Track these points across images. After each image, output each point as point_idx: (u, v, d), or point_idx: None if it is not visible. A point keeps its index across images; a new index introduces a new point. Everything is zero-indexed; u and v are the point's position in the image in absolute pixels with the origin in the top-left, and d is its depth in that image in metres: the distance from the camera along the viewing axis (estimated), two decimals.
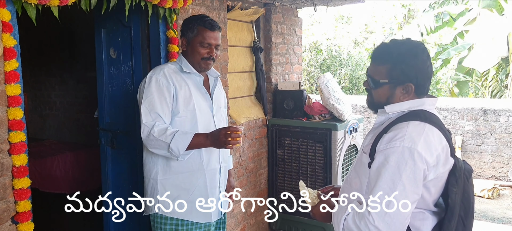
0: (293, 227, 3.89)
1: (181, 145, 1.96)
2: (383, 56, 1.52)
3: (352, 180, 1.60)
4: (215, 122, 2.20)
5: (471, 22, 8.59)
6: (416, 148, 1.38)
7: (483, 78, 9.60)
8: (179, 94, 2.07)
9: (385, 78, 1.50)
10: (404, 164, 1.37)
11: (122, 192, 2.87)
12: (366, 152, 1.52)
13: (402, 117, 1.49)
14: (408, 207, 1.38)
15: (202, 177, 2.14)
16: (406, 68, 1.47)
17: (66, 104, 5.11)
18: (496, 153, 6.19)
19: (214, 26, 2.12)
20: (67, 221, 4.26)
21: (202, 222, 2.18)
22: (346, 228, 1.47)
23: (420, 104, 1.50)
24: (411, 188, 1.38)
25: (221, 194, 2.27)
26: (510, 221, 4.64)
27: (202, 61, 2.12)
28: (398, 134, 1.42)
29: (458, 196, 1.46)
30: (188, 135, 1.99)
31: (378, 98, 1.56)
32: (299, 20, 4.38)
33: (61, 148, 4.49)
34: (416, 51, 1.49)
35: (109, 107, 2.90)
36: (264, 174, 3.93)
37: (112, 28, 2.80)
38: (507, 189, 5.85)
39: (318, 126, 3.66)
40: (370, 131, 1.65)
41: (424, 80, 1.49)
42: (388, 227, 1.37)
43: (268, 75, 3.97)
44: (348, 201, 1.58)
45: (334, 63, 12.06)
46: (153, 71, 2.10)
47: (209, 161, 2.16)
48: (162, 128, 1.98)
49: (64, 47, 4.93)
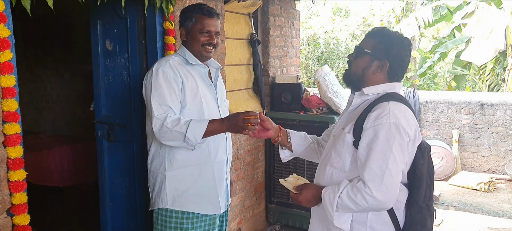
0: (291, 220, 3.89)
1: (197, 133, 1.92)
2: (375, 33, 1.70)
3: (333, 160, 1.68)
4: (220, 113, 2.20)
5: (469, 16, 8.58)
6: (401, 123, 1.53)
7: (480, 72, 9.60)
8: (186, 86, 2.05)
9: (369, 49, 1.67)
10: (392, 138, 1.52)
11: (119, 185, 2.86)
12: (349, 132, 1.63)
13: (379, 98, 1.63)
14: (399, 176, 1.55)
15: (210, 169, 2.14)
16: (389, 46, 1.64)
17: (62, 97, 5.08)
18: (492, 147, 6.20)
19: (213, 13, 2.11)
20: (63, 214, 4.26)
21: (209, 214, 2.17)
22: (340, 205, 1.57)
23: (392, 88, 1.67)
24: (400, 158, 1.53)
25: (228, 187, 2.29)
26: (506, 214, 4.66)
27: (202, 49, 2.11)
28: (383, 112, 1.55)
29: (425, 167, 1.64)
30: (203, 122, 1.95)
31: (355, 68, 1.70)
32: (297, 12, 4.35)
33: (57, 141, 4.47)
34: (403, 39, 1.68)
35: (105, 99, 2.88)
36: (261, 167, 3.92)
37: (108, 20, 2.77)
38: (503, 182, 5.87)
39: (316, 119, 3.65)
40: (343, 113, 1.78)
41: (399, 65, 1.67)
42: (384, 195, 1.51)
43: (265, 68, 3.95)
44: (331, 182, 1.67)
45: (332, 56, 12.04)
46: (158, 64, 2.07)
47: (217, 153, 2.15)
48: (175, 118, 1.95)
49: (60, 39, 4.89)
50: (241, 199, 3.63)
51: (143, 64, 2.64)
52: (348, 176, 1.63)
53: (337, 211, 1.58)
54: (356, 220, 1.63)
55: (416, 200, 1.62)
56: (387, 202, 1.52)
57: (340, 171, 1.66)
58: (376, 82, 1.67)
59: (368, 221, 1.62)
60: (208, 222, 2.19)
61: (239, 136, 3.52)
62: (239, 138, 3.53)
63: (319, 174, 1.77)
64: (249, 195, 3.75)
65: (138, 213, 2.78)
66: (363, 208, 1.54)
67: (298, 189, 1.75)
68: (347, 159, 1.63)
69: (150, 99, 2.01)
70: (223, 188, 2.22)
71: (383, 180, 1.50)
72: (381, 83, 1.67)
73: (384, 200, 1.51)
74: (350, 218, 1.62)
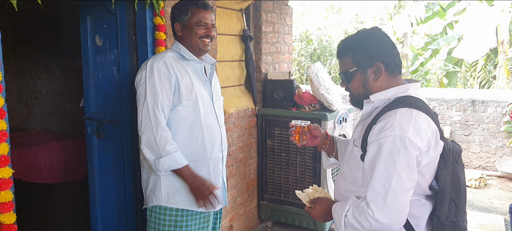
0: (282, 217, 3.89)
1: (170, 165, 1.98)
2: (343, 49, 1.57)
3: (345, 174, 1.59)
4: (215, 109, 2.18)
5: (461, 13, 8.62)
6: (407, 135, 1.37)
7: (472, 69, 9.67)
8: (181, 84, 2.03)
9: (353, 66, 1.54)
10: (396, 153, 1.37)
11: (108, 182, 2.83)
12: (357, 145, 1.52)
13: (388, 105, 1.49)
14: (405, 195, 1.38)
15: (206, 166, 2.12)
16: (365, 49, 1.52)
17: (52, 93, 5.02)
18: (483, 143, 6.24)
19: (207, 6, 2.11)
20: (53, 211, 4.22)
21: (204, 212, 2.16)
22: (347, 224, 1.46)
23: (405, 91, 1.51)
24: (406, 175, 1.37)
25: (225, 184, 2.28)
26: (496, 210, 4.69)
27: (200, 41, 2.09)
28: (388, 123, 1.41)
29: (448, 178, 1.47)
30: (181, 162, 1.99)
31: (356, 90, 1.58)
32: (289, 9, 4.33)
33: (47, 138, 4.42)
34: (370, 32, 1.55)
35: (95, 96, 2.84)
36: (253, 164, 3.91)
37: (98, 15, 2.73)
38: (493, 178, 5.92)
39: (308, 115, 3.64)
40: (358, 122, 1.65)
41: (388, 56, 1.52)
42: (388, 217, 1.36)
43: (258, 64, 3.93)
44: (344, 197, 1.57)
45: (324, 53, 12.05)
46: (153, 60, 2.05)
47: (212, 150, 2.14)
48: (166, 137, 1.97)
49: (50, 35, 4.83)
50: (233, 196, 3.61)
51: (133, 60, 2.61)
52: (361, 191, 1.50)
53: (346, 228, 1.47)
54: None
55: (438, 217, 1.47)
56: (391, 224, 1.37)
57: (352, 185, 1.55)
58: (383, 87, 1.53)
59: None
60: (202, 219, 2.17)
61: (230, 133, 3.50)
62: (231, 135, 3.51)
63: (336, 186, 1.67)
64: (241, 192, 3.73)
65: (128, 210, 2.75)
66: (368, 230, 1.41)
67: (312, 202, 1.66)
68: (358, 174, 1.52)
69: (144, 97, 1.99)
70: (220, 185, 2.21)
71: (386, 200, 1.36)
72: (388, 85, 1.52)
73: (387, 222, 1.36)
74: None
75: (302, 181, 3.73)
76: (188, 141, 2.07)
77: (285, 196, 3.83)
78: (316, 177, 3.64)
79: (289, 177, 3.80)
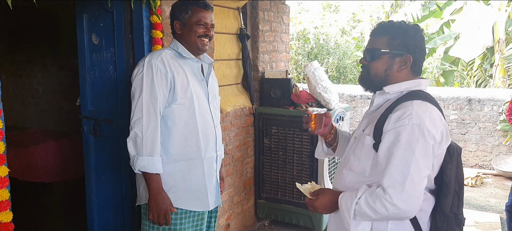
0: (279, 216, 3.89)
1: (145, 166, 1.96)
2: (384, 29, 1.56)
3: (352, 164, 1.59)
4: (211, 109, 2.18)
5: (458, 12, 8.65)
6: (425, 124, 1.41)
7: (468, 68, 9.69)
8: (177, 81, 2.03)
9: (386, 48, 1.53)
10: (415, 141, 1.40)
11: (105, 181, 2.82)
12: (369, 134, 1.52)
13: (402, 97, 1.51)
14: (422, 183, 1.41)
15: (200, 165, 2.12)
16: (407, 38, 1.52)
17: (48, 92, 5.01)
18: (480, 142, 6.27)
19: (208, 6, 2.12)
20: (50, 210, 4.21)
21: (197, 211, 2.16)
22: (357, 212, 1.46)
23: (417, 85, 1.54)
24: (423, 163, 1.40)
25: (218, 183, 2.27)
26: (493, 209, 4.71)
27: (198, 40, 2.09)
28: (405, 112, 1.43)
29: (453, 173, 1.52)
30: (157, 168, 1.98)
31: (376, 71, 1.57)
32: (286, 7, 4.33)
33: (44, 137, 4.41)
34: (415, 27, 1.56)
35: (92, 94, 2.83)
36: (250, 162, 3.91)
37: (94, 13, 2.72)
38: (490, 177, 5.94)
39: (305, 114, 3.64)
40: (365, 115, 1.66)
41: (420, 56, 1.55)
42: (406, 203, 1.38)
43: (255, 63, 3.93)
44: (349, 188, 1.57)
45: (321, 52, 12.07)
46: (150, 56, 2.05)
47: (206, 149, 2.13)
48: (153, 138, 1.97)
49: (47, 33, 4.81)
50: (230, 195, 3.61)
51: (130, 59, 2.60)
52: (367, 181, 1.53)
53: (355, 218, 1.47)
54: (375, 229, 1.52)
55: (442, 209, 1.51)
56: (408, 210, 1.39)
57: (359, 175, 1.55)
58: (399, 79, 1.55)
59: (388, 229, 1.51)
60: (196, 218, 2.17)
61: (227, 131, 3.50)
62: (228, 134, 3.51)
63: (337, 178, 1.66)
64: (238, 190, 3.73)
65: (125, 209, 2.75)
66: (383, 216, 1.42)
67: (314, 194, 1.65)
68: (367, 163, 1.53)
69: (139, 93, 1.99)
70: (213, 185, 2.21)
71: (404, 187, 1.37)
72: (405, 79, 1.55)
73: (405, 208, 1.38)
74: (369, 227, 1.51)
75: (299, 180, 3.73)
76: (183, 139, 2.07)
77: (282, 194, 3.84)
78: (313, 175, 3.65)
79: (286, 176, 3.80)
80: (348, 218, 1.47)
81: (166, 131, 2.04)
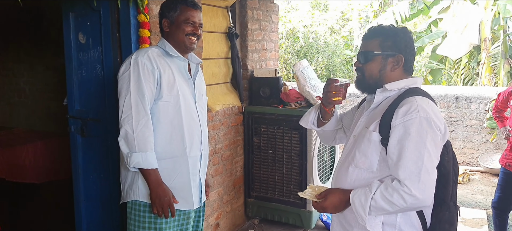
0: (269, 214, 3.90)
1: (140, 162, 1.96)
2: (376, 32, 1.65)
3: (358, 161, 1.61)
4: (197, 109, 2.18)
5: (445, 11, 8.73)
6: (432, 117, 1.49)
7: (455, 66, 9.80)
8: (163, 78, 2.04)
9: (378, 49, 1.62)
10: (425, 133, 1.47)
11: (93, 181, 2.80)
12: (375, 130, 1.57)
13: (403, 94, 1.58)
14: (435, 172, 1.49)
15: (185, 163, 2.12)
16: (397, 39, 1.61)
17: (35, 91, 4.95)
18: (467, 139, 6.34)
19: (196, 5, 2.13)
20: (39, 210, 4.17)
21: (182, 209, 2.15)
22: (373, 207, 1.50)
23: (414, 83, 1.63)
24: (434, 153, 1.49)
25: (202, 182, 2.26)
26: (479, 205, 4.77)
27: (186, 38, 2.10)
28: (412, 107, 1.50)
29: (450, 164, 1.60)
30: (152, 163, 1.98)
31: (370, 72, 1.65)
32: (275, 6, 4.33)
33: (31, 137, 4.36)
34: (404, 29, 1.65)
35: (79, 94, 2.81)
36: (240, 161, 3.91)
37: (81, 12, 2.70)
38: (477, 174, 6.02)
39: (294, 113, 3.65)
40: (363, 113, 1.70)
41: (411, 55, 1.64)
42: (423, 192, 1.45)
43: (244, 62, 3.92)
44: (356, 186, 1.60)
45: (311, 50, 12.11)
46: (137, 54, 2.06)
47: (191, 147, 2.13)
48: (145, 133, 1.97)
49: (33, 32, 4.76)
50: (219, 194, 3.61)
51: (117, 58, 2.59)
52: (376, 176, 1.57)
53: (370, 214, 1.51)
54: (386, 223, 1.57)
55: (443, 199, 1.57)
56: (425, 199, 1.46)
57: (366, 171, 1.59)
58: (393, 79, 1.63)
59: (397, 224, 1.57)
60: (182, 217, 2.17)
61: (217, 130, 3.50)
62: (217, 133, 3.50)
63: (341, 177, 1.68)
64: (227, 189, 3.73)
65: (113, 209, 2.73)
66: (400, 208, 1.47)
67: (322, 196, 1.67)
68: (375, 159, 1.58)
69: (127, 90, 1.99)
70: (196, 183, 2.20)
71: (420, 177, 1.44)
72: (398, 78, 1.63)
73: (423, 198, 1.45)
74: (381, 221, 1.56)
75: (289, 178, 3.74)
76: (168, 136, 2.07)
77: (272, 193, 3.85)
78: (302, 173, 3.66)
79: (275, 174, 3.81)
80: (363, 214, 1.51)
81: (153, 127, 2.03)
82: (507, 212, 3.41)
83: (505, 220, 3.44)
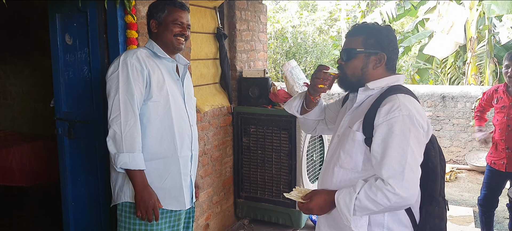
0: (259, 214, 3.90)
1: (127, 162, 1.95)
2: (359, 30, 1.64)
3: (342, 162, 1.60)
4: (187, 109, 2.18)
5: (431, 11, 8.83)
6: (414, 115, 1.48)
7: (442, 66, 9.91)
8: (153, 79, 2.03)
9: (361, 47, 1.60)
10: (408, 131, 1.46)
11: (81, 183, 2.78)
12: (358, 129, 1.55)
13: (385, 92, 1.57)
14: (419, 170, 1.47)
15: (176, 163, 2.12)
16: (380, 38, 1.60)
17: (21, 93, 4.89)
18: (454, 138, 6.42)
19: (184, 6, 2.14)
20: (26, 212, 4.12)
21: (173, 210, 2.15)
22: (358, 207, 1.48)
23: (396, 80, 1.62)
24: (418, 151, 1.47)
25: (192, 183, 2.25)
26: (466, 203, 4.84)
27: (174, 39, 2.10)
28: (394, 105, 1.49)
29: (437, 159, 1.59)
30: (139, 164, 1.97)
31: (353, 70, 1.63)
32: (263, 6, 4.34)
33: (17, 139, 4.31)
34: (387, 27, 1.65)
35: (66, 96, 2.78)
36: (229, 162, 3.91)
37: (67, 13, 2.67)
38: (464, 172, 6.09)
39: (283, 113, 3.66)
40: (346, 113, 1.69)
41: (394, 54, 1.63)
42: (407, 191, 1.43)
43: (232, 62, 3.92)
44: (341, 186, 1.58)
45: (299, 50, 12.14)
46: (125, 55, 2.05)
47: (182, 147, 2.13)
48: (133, 134, 1.96)
49: (19, 34, 4.70)
50: (209, 195, 3.60)
51: (105, 59, 2.57)
52: (361, 176, 1.56)
53: (355, 214, 1.49)
54: (373, 223, 1.56)
55: (432, 194, 1.57)
56: (409, 198, 1.44)
57: (352, 171, 1.58)
58: (377, 76, 1.61)
59: (385, 222, 1.55)
60: (173, 218, 2.17)
61: (206, 131, 3.49)
62: (206, 133, 3.50)
63: (326, 177, 1.67)
64: (217, 190, 3.73)
65: (101, 211, 2.71)
66: (385, 207, 1.46)
67: (307, 197, 1.65)
68: (359, 159, 1.56)
69: (115, 91, 1.98)
70: (188, 184, 2.20)
71: (404, 176, 1.42)
72: (380, 77, 1.61)
73: (406, 196, 1.43)
74: (367, 222, 1.55)
75: (278, 178, 3.75)
76: (158, 136, 2.07)
77: (262, 193, 3.85)
78: (291, 173, 3.67)
79: (265, 175, 3.81)
80: (348, 215, 1.49)
81: (141, 128, 2.03)
82: (493, 209, 3.46)
83: (491, 217, 3.49)
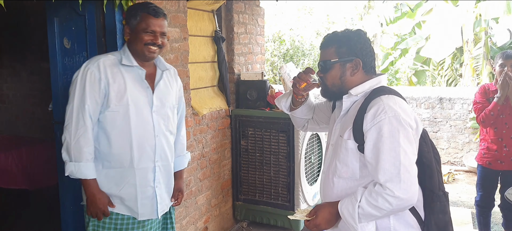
0: (258, 217, 3.91)
1: (74, 172, 1.98)
2: (330, 40, 1.65)
3: (340, 171, 1.61)
4: (153, 119, 2.10)
5: (428, 13, 8.86)
6: (400, 115, 1.48)
7: (439, 68, 9.95)
8: (111, 88, 2.00)
9: (335, 57, 1.62)
10: (396, 132, 1.46)
11: (78, 187, 2.77)
12: (349, 138, 1.57)
13: (369, 96, 1.57)
14: (414, 168, 1.47)
15: (132, 175, 2.08)
16: (352, 44, 1.61)
17: (19, 97, 4.89)
18: (451, 139, 6.44)
19: (159, 13, 2.06)
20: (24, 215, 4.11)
21: (126, 215, 2.13)
22: (362, 215, 1.49)
23: (378, 82, 1.63)
24: (410, 150, 1.47)
25: (159, 194, 2.18)
26: (464, 204, 4.85)
27: (145, 48, 2.04)
28: (379, 108, 1.50)
29: (430, 154, 1.60)
30: (85, 174, 1.99)
31: (332, 80, 1.65)
32: (261, 9, 4.36)
33: (16, 143, 4.30)
34: (357, 32, 1.65)
35: (64, 99, 2.78)
36: (227, 165, 3.91)
37: (65, 17, 2.68)
38: (461, 173, 6.11)
39: (281, 115, 3.67)
40: (336, 121, 1.69)
41: (369, 57, 1.63)
42: (406, 192, 1.43)
43: (230, 65, 3.93)
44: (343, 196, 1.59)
45: (297, 53, 12.16)
46: (88, 62, 2.04)
47: (140, 159, 2.08)
48: (81, 144, 1.97)
49: (16, 37, 4.70)
50: (207, 197, 3.60)
51: None
52: (361, 183, 1.56)
53: (360, 222, 1.50)
54: (379, 227, 1.55)
55: (431, 190, 1.57)
56: (410, 198, 1.45)
57: (350, 180, 1.59)
58: (358, 82, 1.62)
59: (392, 226, 1.56)
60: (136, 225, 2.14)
61: (204, 134, 3.50)
62: (204, 136, 3.50)
63: (327, 190, 1.67)
64: (215, 193, 3.73)
65: None
66: (387, 211, 1.46)
67: (312, 213, 1.65)
68: (356, 166, 1.57)
69: (72, 98, 2.00)
70: (148, 195, 2.13)
71: (400, 177, 1.43)
72: (361, 81, 1.62)
73: (407, 197, 1.43)
74: (374, 227, 1.54)
75: (276, 181, 3.75)
76: (116, 146, 2.05)
77: (260, 196, 3.86)
78: (290, 176, 3.68)
79: (263, 177, 3.82)
80: (354, 224, 1.50)
81: (103, 137, 2.04)
82: (490, 209, 3.47)
83: (488, 218, 3.50)
